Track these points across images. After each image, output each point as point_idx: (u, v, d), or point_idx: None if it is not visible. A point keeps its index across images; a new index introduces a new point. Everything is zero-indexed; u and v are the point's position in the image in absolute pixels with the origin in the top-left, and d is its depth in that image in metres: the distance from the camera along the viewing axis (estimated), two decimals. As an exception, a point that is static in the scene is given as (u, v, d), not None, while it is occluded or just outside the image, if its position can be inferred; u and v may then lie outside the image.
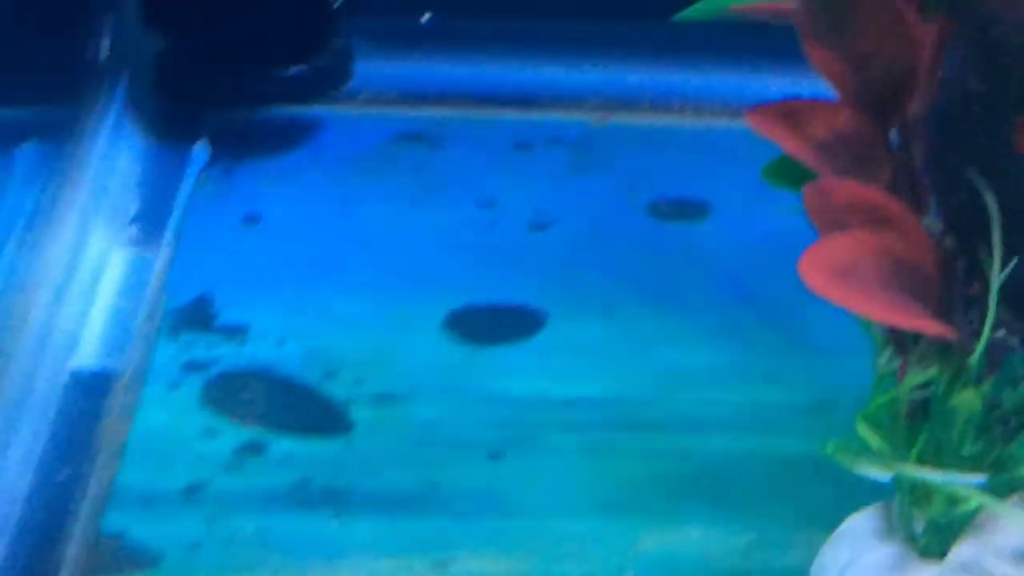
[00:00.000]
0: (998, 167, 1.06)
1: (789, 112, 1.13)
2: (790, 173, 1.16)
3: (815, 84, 1.13)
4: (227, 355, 1.49)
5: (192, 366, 1.47)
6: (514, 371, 1.48)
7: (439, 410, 1.42)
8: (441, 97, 1.92)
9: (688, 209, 1.72)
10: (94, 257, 1.61)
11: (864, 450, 1.10)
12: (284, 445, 1.38)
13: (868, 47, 1.08)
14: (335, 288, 1.59)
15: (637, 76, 1.93)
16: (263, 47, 1.81)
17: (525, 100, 1.91)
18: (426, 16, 1.96)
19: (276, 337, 1.51)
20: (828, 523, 1.18)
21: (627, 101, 1.91)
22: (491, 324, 1.54)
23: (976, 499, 1.07)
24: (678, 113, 1.88)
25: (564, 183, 1.78)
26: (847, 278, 1.06)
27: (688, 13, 1.20)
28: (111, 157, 1.74)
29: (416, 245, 1.66)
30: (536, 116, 1.90)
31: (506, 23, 1.98)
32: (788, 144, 1.12)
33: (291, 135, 1.82)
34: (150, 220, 1.66)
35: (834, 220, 1.09)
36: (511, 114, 1.90)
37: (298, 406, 1.42)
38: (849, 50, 1.08)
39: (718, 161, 1.75)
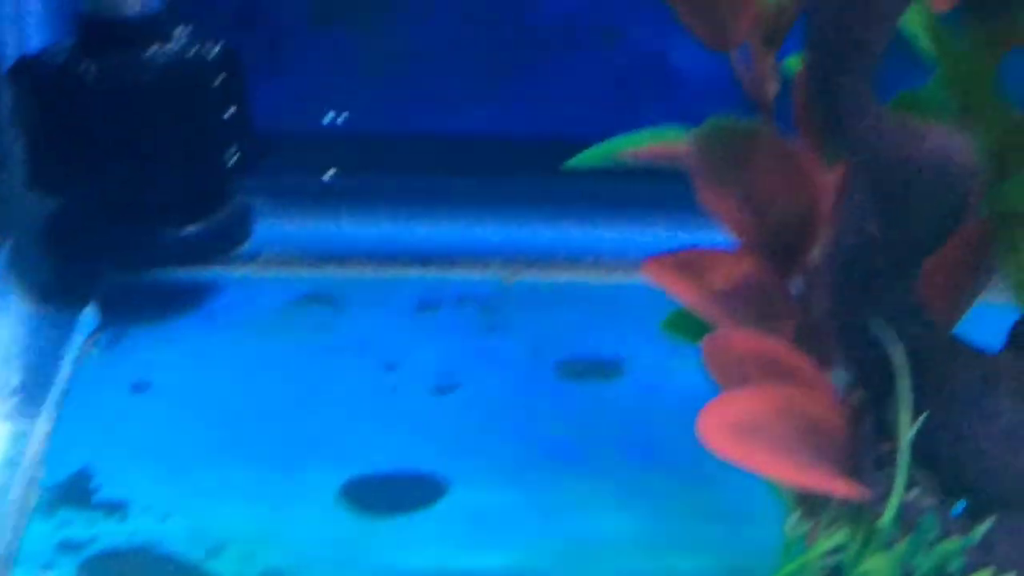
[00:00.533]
0: (904, 317, 1.01)
1: (687, 262, 1.09)
2: (691, 326, 1.11)
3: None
4: (106, 532, 1.40)
5: (68, 545, 1.39)
6: (413, 542, 1.41)
7: None
8: (344, 257, 1.88)
9: (599, 368, 1.68)
10: (-30, 430, 1.55)
11: None
12: None
13: (765, 192, 1.04)
14: (226, 457, 1.52)
15: (548, 232, 1.91)
16: (156, 207, 1.76)
17: (431, 259, 1.87)
18: (329, 173, 1.92)
19: (159, 512, 1.43)
20: None
21: (537, 258, 1.88)
22: (390, 493, 1.47)
23: None
24: (590, 269, 1.85)
25: (471, 343, 1.74)
26: (749, 437, 1.00)
27: (579, 160, 1.16)
28: (-6, 323, 1.69)
29: (314, 411, 1.60)
30: (443, 275, 1.86)
31: (411, 180, 1.95)
32: (686, 295, 1.07)
33: (186, 298, 1.77)
34: (32, 390, 1.59)
35: (735, 374, 1.04)
36: (417, 273, 1.86)
37: None
38: (746, 195, 1.04)
39: (631, 318, 1.71)
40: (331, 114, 1.92)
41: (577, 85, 1.91)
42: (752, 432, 1.00)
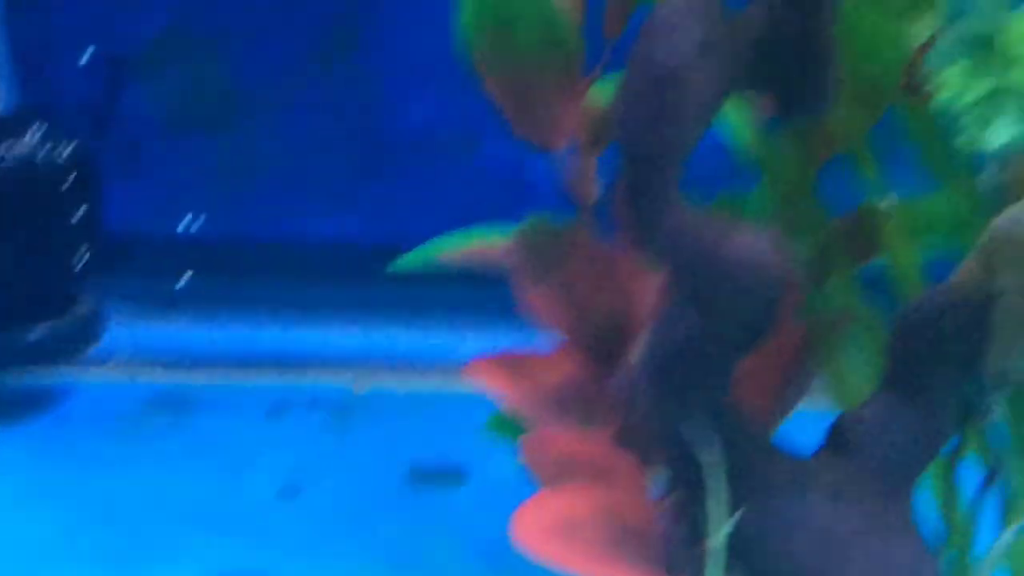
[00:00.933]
0: (719, 417, 1.02)
1: (511, 363, 1.10)
2: (516, 426, 1.11)
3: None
4: None
5: None
6: None
7: None
8: (196, 361, 1.87)
9: (444, 474, 1.68)
10: None
11: None
12: None
13: (584, 293, 1.05)
14: (70, 559, 1.50)
15: (403, 339, 1.91)
16: (3, 309, 1.74)
17: (284, 364, 1.87)
18: (184, 278, 1.92)
19: (-4, 615, 1.42)
20: None
21: (391, 364, 1.88)
22: (229, 598, 1.46)
23: None
24: (442, 376, 1.85)
25: (319, 448, 1.73)
26: (565, 536, 1.01)
27: (402, 263, 1.17)
28: None
29: (158, 514, 1.58)
30: (295, 380, 1.86)
31: (265, 286, 1.95)
32: (509, 395, 1.08)
33: (34, 401, 1.76)
34: None
35: (555, 474, 1.05)
36: (269, 378, 1.86)
37: None
38: (564, 296, 1.05)
39: (480, 425, 1.71)
40: (187, 218, 1.92)
41: (434, 192, 1.93)
42: (568, 532, 1.01)
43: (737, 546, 1.03)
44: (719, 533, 1.01)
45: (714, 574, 1.02)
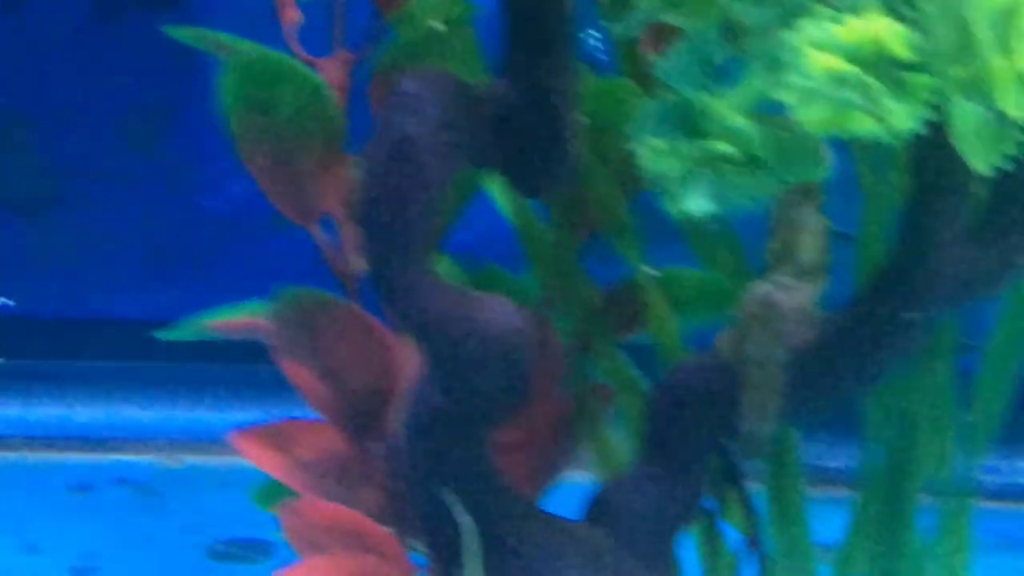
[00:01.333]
0: (475, 486, 1.02)
1: (275, 433, 1.09)
2: (283, 496, 1.11)
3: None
4: None
5: None
6: None
7: None
8: (4, 439, 1.86)
9: (249, 549, 1.67)
10: None
11: None
12: None
13: (343, 364, 1.05)
14: None
15: (214, 415, 1.90)
16: None
17: (91, 441, 1.86)
18: (-7, 358, 1.91)
19: None
20: None
21: (202, 441, 1.87)
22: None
23: None
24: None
25: (122, 525, 1.71)
26: None
27: (172, 334, 1.17)
28: None
29: (-51, 592, 1.57)
30: (102, 457, 1.84)
31: (75, 365, 1.93)
32: (271, 467, 1.08)
33: None
34: None
35: (313, 544, 1.05)
36: (75, 455, 1.84)
37: None
38: (323, 367, 1.05)
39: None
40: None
41: (250, 271, 1.92)
42: None
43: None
44: (476, 601, 1.02)
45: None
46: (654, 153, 0.78)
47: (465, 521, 1.02)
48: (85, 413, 1.90)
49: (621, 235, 1.09)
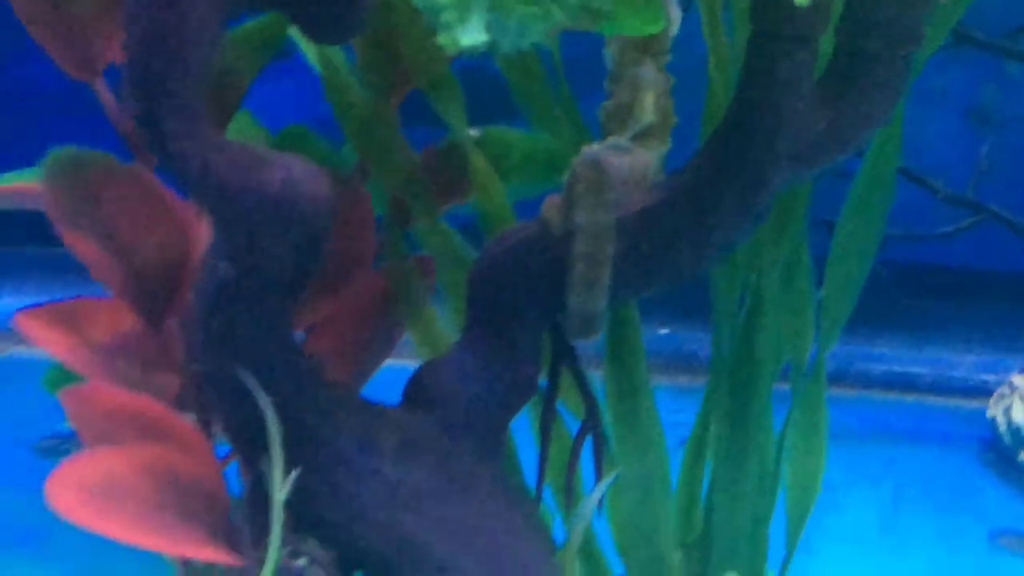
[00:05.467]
0: (275, 368, 0.91)
1: (64, 314, 0.98)
2: (74, 381, 0.99)
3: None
4: None
5: None
6: None
7: None
8: None
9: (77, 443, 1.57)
10: None
11: None
12: None
13: (132, 235, 0.94)
14: None
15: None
16: None
17: None
18: None
19: None
20: None
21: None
22: None
23: None
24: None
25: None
26: (108, 500, 0.89)
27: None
28: None
29: None
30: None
31: None
32: (58, 349, 0.96)
33: None
34: None
35: (102, 432, 0.94)
36: None
37: None
38: (110, 237, 0.93)
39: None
40: None
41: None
42: (111, 495, 0.90)
43: (305, 509, 0.93)
44: (278, 493, 0.92)
45: (274, 537, 0.92)
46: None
47: (265, 407, 0.91)
48: None
49: (439, 90, 0.98)
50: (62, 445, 1.58)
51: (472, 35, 0.70)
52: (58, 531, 1.41)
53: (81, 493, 0.89)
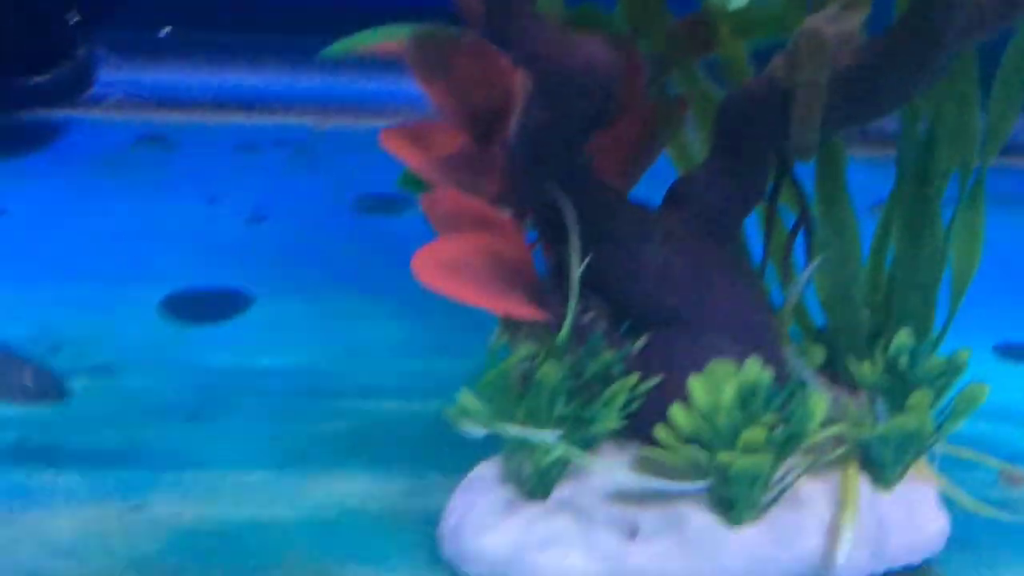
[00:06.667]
0: (575, 182, 1.25)
1: (416, 133, 1.31)
2: (421, 182, 1.33)
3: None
4: None
5: None
6: (218, 345, 1.63)
7: (147, 379, 1.57)
8: (177, 103, 2.06)
9: (389, 204, 1.90)
10: None
11: (470, 412, 1.25)
12: (5, 411, 1.51)
13: (469, 83, 1.27)
14: (67, 274, 1.73)
15: (355, 84, 2.10)
16: (5, 59, 1.92)
17: (252, 105, 2.06)
18: (165, 30, 2.09)
19: (8, 317, 1.64)
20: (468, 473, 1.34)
21: (345, 106, 2.07)
22: (202, 306, 1.69)
23: (559, 450, 1.24)
24: (389, 117, 2.04)
25: (283, 181, 1.94)
26: (455, 272, 1.23)
27: (330, 52, 1.38)
28: None
29: (144, 237, 1.81)
30: (262, 120, 2.05)
31: (237, 36, 2.12)
32: (412, 161, 1.29)
33: (36, 138, 1.93)
34: None
35: (448, 224, 1.28)
36: (239, 118, 2.05)
37: (22, 376, 1.56)
38: (454, 85, 1.27)
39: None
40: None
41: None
42: (457, 268, 1.23)
43: (596, 281, 1.27)
44: (575, 270, 1.25)
45: (572, 302, 1.25)
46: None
47: (567, 209, 1.25)
48: (247, 80, 2.10)
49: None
50: (377, 204, 1.91)
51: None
52: (372, 268, 1.74)
53: (437, 267, 1.23)
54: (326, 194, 1.92)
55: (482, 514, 1.29)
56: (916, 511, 1.29)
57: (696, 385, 1.23)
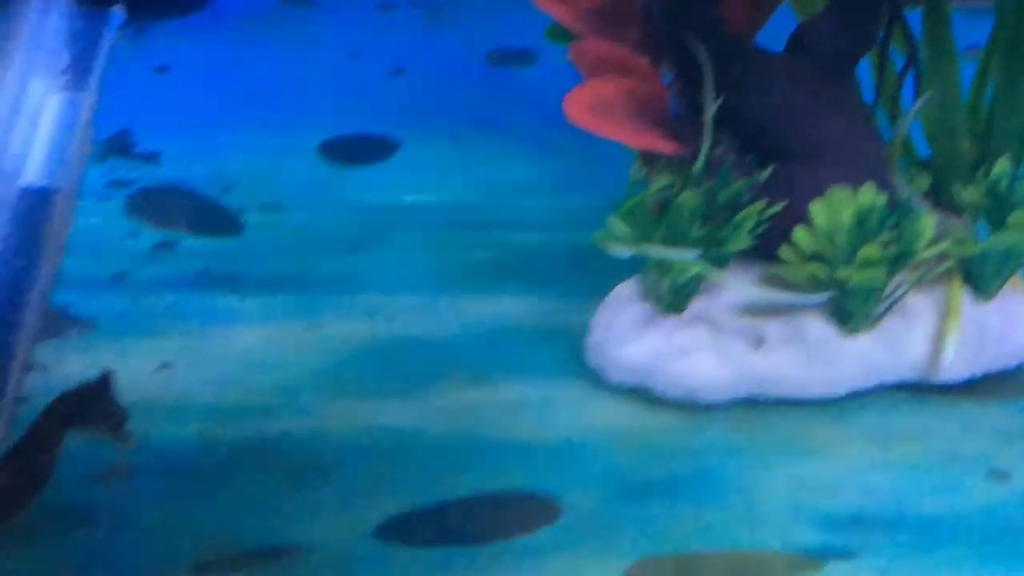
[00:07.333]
0: (709, 30, 1.38)
1: (560, -14, 1.44)
2: (566, 33, 1.45)
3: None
4: (144, 175, 1.77)
5: (117, 183, 1.76)
6: (372, 185, 1.77)
7: (312, 215, 1.72)
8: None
9: (518, 57, 2.02)
10: (34, 100, 1.82)
11: (617, 236, 1.39)
12: (190, 243, 1.66)
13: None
14: (231, 124, 1.87)
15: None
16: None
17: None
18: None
19: (184, 161, 1.80)
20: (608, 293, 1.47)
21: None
22: (355, 150, 1.83)
23: (696, 268, 1.38)
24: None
25: (418, 38, 2.07)
26: (601, 112, 1.36)
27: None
28: (44, 18, 1.97)
29: (296, 90, 1.95)
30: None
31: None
32: (558, 13, 1.42)
33: (191, 1, 2.06)
34: (78, 69, 1.84)
35: (593, 70, 1.41)
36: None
37: (202, 213, 1.71)
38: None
39: (544, 17, 2.04)
40: None
41: None
42: (603, 109, 1.36)
43: (727, 119, 1.39)
44: (709, 109, 1.39)
45: (706, 137, 1.38)
46: None
47: (701, 54, 1.38)
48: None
49: None
50: (507, 58, 2.03)
51: None
52: (506, 116, 1.87)
53: (585, 107, 1.35)
54: (459, 49, 2.04)
55: (624, 327, 1.43)
56: (1013, 320, 1.43)
57: (817, 209, 1.36)
